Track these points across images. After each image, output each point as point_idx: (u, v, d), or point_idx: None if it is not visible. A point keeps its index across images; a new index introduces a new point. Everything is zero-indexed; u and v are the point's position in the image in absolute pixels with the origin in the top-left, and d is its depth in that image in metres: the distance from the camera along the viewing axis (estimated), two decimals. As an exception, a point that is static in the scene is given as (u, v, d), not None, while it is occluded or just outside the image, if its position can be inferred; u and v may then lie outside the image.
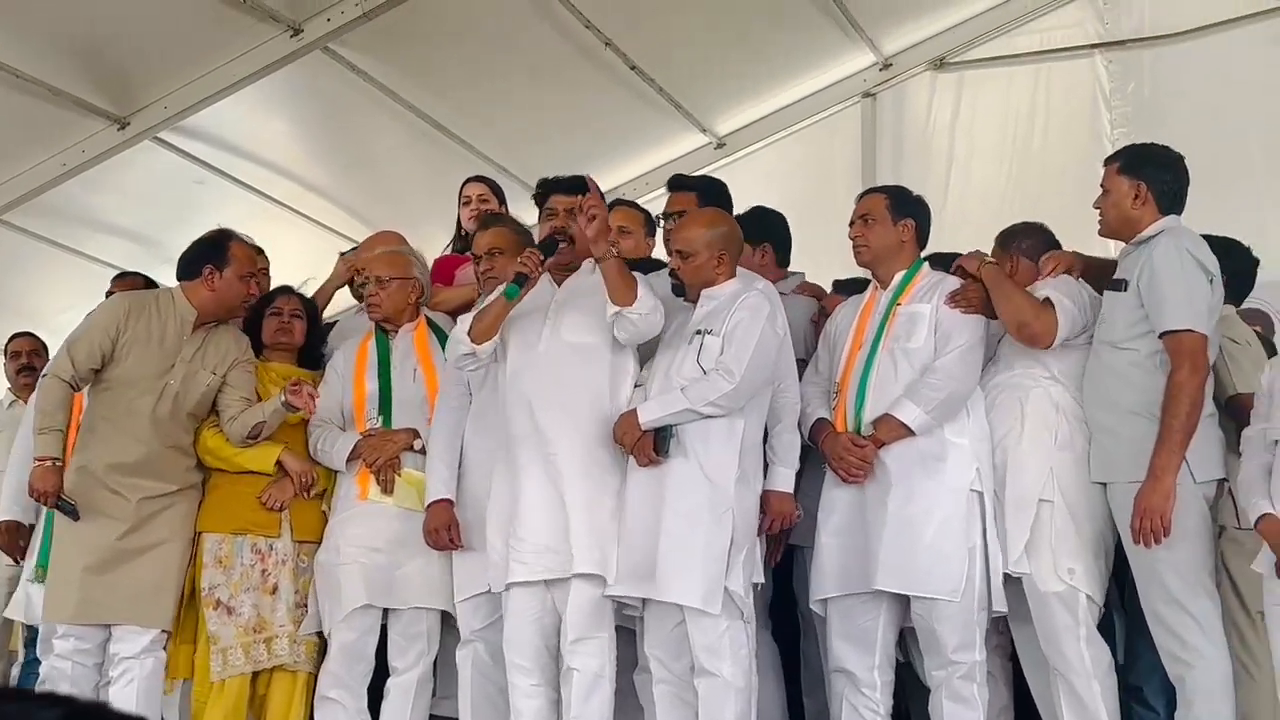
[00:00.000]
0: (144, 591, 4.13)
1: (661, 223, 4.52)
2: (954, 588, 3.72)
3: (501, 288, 3.86)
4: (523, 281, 3.81)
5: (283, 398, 4.15)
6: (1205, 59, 6.45)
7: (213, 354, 4.28)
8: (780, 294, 4.02)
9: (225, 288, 4.29)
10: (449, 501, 4.04)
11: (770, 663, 4.17)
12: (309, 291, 4.75)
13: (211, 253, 4.31)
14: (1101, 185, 3.95)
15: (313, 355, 4.60)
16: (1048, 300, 3.85)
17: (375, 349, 4.36)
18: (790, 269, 4.71)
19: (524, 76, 6.52)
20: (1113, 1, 6.70)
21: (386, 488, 4.16)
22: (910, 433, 3.81)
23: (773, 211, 4.70)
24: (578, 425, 3.82)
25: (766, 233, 4.57)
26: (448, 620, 4.18)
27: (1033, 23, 6.87)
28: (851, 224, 4.08)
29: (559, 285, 4.01)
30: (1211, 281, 3.75)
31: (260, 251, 4.78)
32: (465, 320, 3.95)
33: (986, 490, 3.82)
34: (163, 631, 4.15)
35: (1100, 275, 4.02)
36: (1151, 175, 3.86)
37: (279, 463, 4.25)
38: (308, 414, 4.22)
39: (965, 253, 4.06)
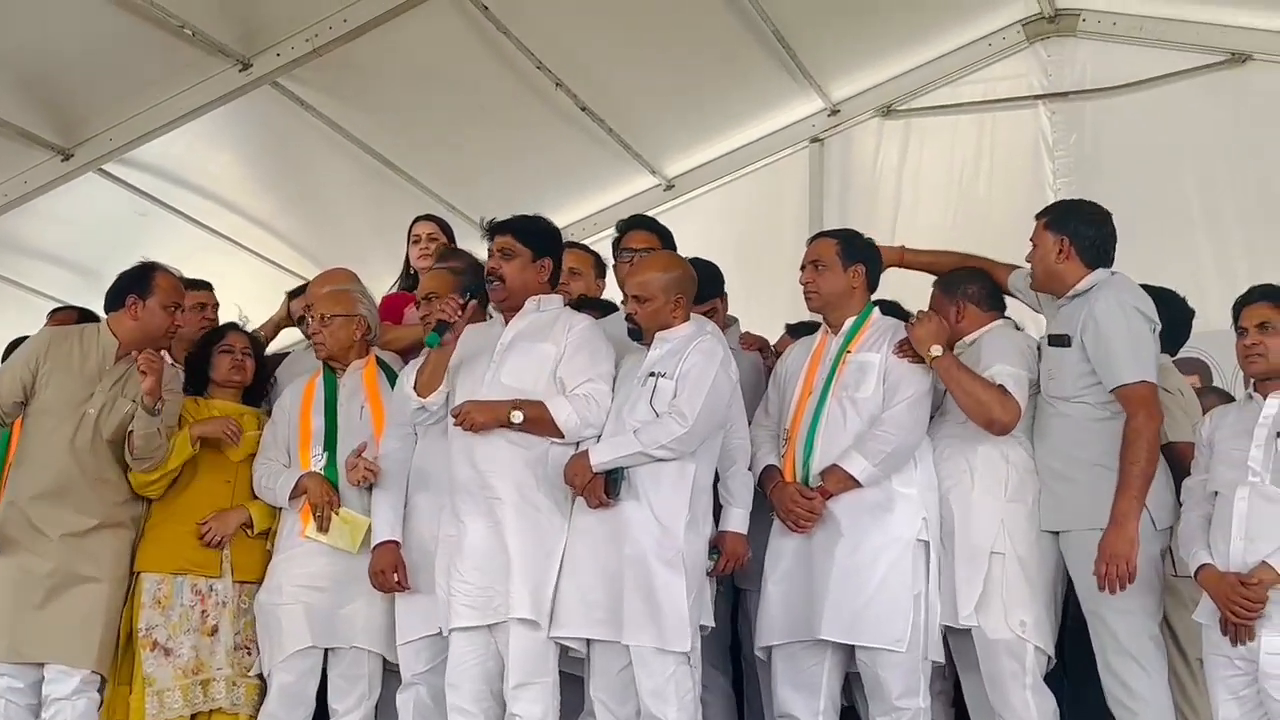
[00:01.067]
0: (70, 630, 4.06)
1: (617, 258, 4.49)
2: (898, 637, 3.73)
3: None
4: (444, 329, 3.80)
5: (141, 397, 4.08)
6: (1145, 112, 6.58)
7: (134, 383, 4.23)
8: None
9: (148, 317, 4.29)
10: (395, 543, 4.00)
11: (723, 708, 4.17)
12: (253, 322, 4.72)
13: (135, 283, 4.32)
14: (1031, 239, 4.00)
15: (257, 392, 4.57)
16: (1003, 387, 3.85)
17: (323, 386, 4.33)
18: (729, 312, 4.68)
19: (474, 115, 6.52)
20: (1056, 53, 6.81)
21: (322, 525, 4.12)
22: (857, 484, 3.82)
23: (710, 264, 4.54)
24: (517, 469, 3.80)
25: (716, 289, 4.45)
26: (388, 663, 4.12)
27: (978, 72, 6.97)
28: (802, 269, 4.10)
29: (507, 325, 4.00)
30: (1154, 330, 3.82)
31: (209, 288, 4.73)
32: (410, 374, 3.94)
33: (932, 539, 3.83)
34: (94, 673, 4.07)
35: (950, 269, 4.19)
36: (1075, 230, 3.92)
37: (199, 438, 4.21)
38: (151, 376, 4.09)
39: (915, 314, 4.03)
